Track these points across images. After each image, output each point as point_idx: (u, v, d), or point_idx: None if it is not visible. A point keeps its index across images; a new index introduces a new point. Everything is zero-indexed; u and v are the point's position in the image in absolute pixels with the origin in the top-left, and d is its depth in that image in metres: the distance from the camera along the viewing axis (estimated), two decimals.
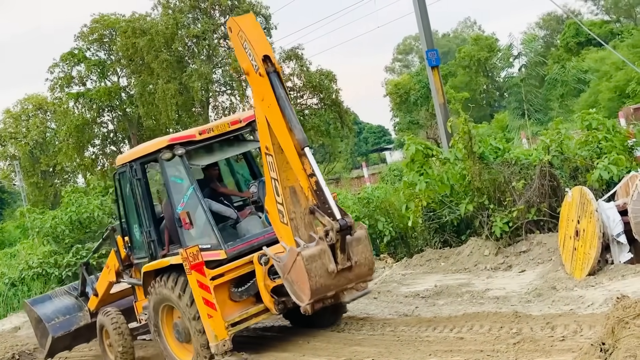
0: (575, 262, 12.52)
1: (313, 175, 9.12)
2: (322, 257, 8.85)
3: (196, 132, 11.30)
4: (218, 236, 10.67)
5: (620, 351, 3.97)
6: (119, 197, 12.48)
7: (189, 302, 10.34)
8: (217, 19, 47.40)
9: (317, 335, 11.76)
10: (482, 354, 8.96)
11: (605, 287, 11.24)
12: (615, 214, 12.45)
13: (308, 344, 11.35)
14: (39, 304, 14.48)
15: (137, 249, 12.29)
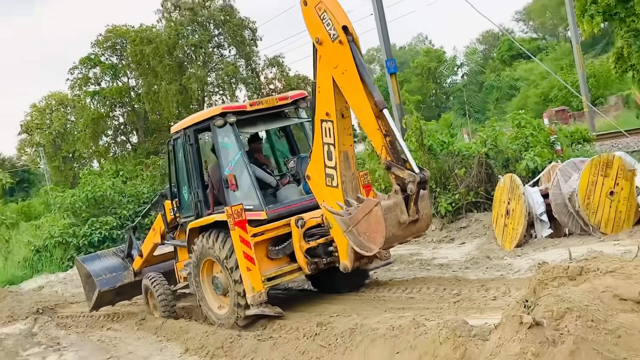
0: (505, 236, 12.65)
1: (388, 135, 8.44)
2: (396, 209, 8.26)
3: (247, 103, 10.77)
4: (260, 198, 10.14)
5: (540, 307, 4.04)
6: (171, 163, 12.02)
7: (229, 255, 9.84)
8: (212, 31, 47.22)
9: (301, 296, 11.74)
10: (428, 310, 9.02)
11: (530, 256, 11.34)
12: (539, 197, 12.59)
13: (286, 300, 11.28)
14: (89, 261, 14.25)
15: (184, 210, 11.72)
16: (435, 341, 6.82)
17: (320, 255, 9.98)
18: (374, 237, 8.35)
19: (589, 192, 11.68)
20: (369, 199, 8.65)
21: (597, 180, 11.66)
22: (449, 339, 6.73)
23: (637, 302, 3.94)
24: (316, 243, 9.97)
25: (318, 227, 10.01)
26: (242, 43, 47.83)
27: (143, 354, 10.82)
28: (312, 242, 9.95)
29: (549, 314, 3.91)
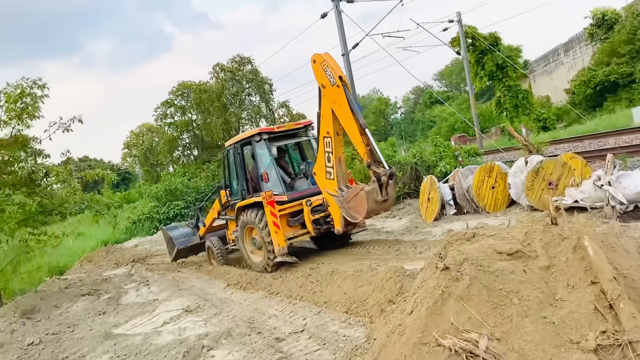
0: (427, 214, 12.67)
1: (369, 145, 8.51)
2: (374, 192, 8.38)
3: (275, 127, 10.86)
4: (282, 187, 10.27)
5: (448, 257, 4.04)
6: (225, 166, 11.96)
7: (263, 224, 10.01)
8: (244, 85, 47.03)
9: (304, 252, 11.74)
10: (379, 260, 9.03)
11: (442, 227, 11.37)
12: (448, 190, 12.62)
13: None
14: (170, 229, 14.27)
15: (234, 195, 11.67)
16: (383, 279, 6.85)
17: (321, 223, 10.11)
18: (359, 211, 8.50)
19: (479, 186, 11.73)
20: (356, 186, 8.75)
21: (484, 179, 11.72)
22: (392, 277, 6.76)
23: (508, 254, 3.95)
24: (319, 216, 10.08)
25: (320, 206, 10.13)
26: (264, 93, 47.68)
27: (200, 287, 10.80)
28: (317, 215, 10.07)
29: (453, 261, 3.92)
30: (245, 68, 47.03)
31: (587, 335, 3.24)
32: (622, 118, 28.49)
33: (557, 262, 3.80)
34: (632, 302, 3.31)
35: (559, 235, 3.99)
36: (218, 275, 11.37)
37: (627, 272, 3.62)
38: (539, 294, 3.60)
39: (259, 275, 9.95)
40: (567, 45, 48.10)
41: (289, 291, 8.46)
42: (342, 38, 20.23)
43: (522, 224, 4.32)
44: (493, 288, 3.66)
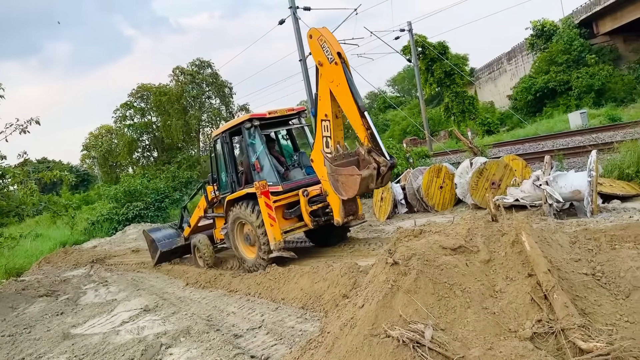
0: (380, 213, 12.83)
1: (369, 129, 7.56)
2: (369, 179, 7.39)
3: (267, 112, 9.81)
4: (277, 177, 9.32)
5: (397, 253, 4.09)
6: (213, 158, 10.93)
7: (257, 217, 9.11)
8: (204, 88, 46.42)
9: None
10: (335, 257, 9.11)
11: (394, 224, 11.55)
12: (400, 189, 12.83)
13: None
14: (153, 231, 13.22)
15: (222, 189, 10.66)
16: (338, 275, 6.89)
17: (319, 215, 9.31)
18: (347, 190, 7.63)
19: (428, 186, 11.97)
20: (354, 168, 7.58)
21: (433, 179, 11.96)
22: (346, 273, 6.82)
23: (452, 249, 4.04)
24: (317, 207, 9.27)
25: (318, 196, 9.27)
26: (224, 96, 47.20)
27: (159, 286, 10.59)
28: (314, 206, 9.26)
29: (402, 257, 3.97)
30: (205, 71, 46.45)
31: (524, 324, 3.36)
32: (559, 122, 29.68)
33: (497, 256, 3.91)
34: (564, 293, 3.45)
35: (498, 231, 4.12)
36: (177, 275, 11.19)
37: (561, 265, 3.77)
38: (480, 286, 3.70)
39: (218, 274, 9.84)
40: (509, 54, 49.73)
41: (247, 289, 8.39)
42: (299, 44, 20.25)
43: (465, 221, 4.42)
44: (438, 281, 3.73)
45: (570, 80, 37.12)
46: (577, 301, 3.48)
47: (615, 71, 36.96)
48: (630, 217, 7.70)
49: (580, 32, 39.44)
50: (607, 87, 35.58)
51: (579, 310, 3.37)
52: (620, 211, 8.27)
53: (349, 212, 8.86)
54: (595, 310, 3.43)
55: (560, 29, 40.71)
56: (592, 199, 8.23)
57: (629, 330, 3.27)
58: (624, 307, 3.44)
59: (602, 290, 3.60)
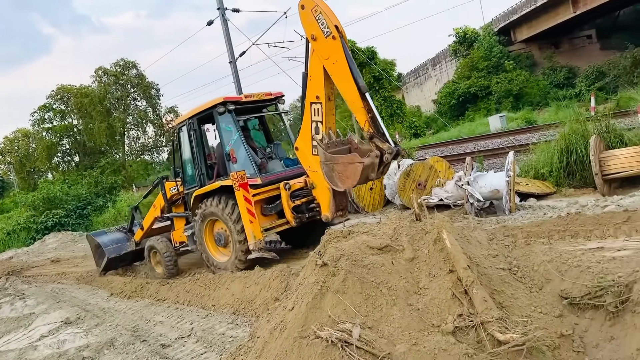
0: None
1: (370, 112, 6.86)
2: (370, 168, 6.71)
3: (243, 95, 8.91)
4: (255, 168, 8.42)
5: (327, 254, 4.14)
6: (176, 149, 9.78)
7: (232, 213, 8.11)
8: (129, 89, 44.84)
9: None
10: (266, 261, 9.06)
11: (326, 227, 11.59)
12: None
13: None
14: (98, 235, 11.75)
15: (188, 183, 9.53)
16: (270, 278, 6.87)
17: (303, 211, 8.39)
18: (344, 180, 6.87)
19: (358, 188, 12.19)
20: (355, 155, 6.86)
21: None
22: (278, 277, 6.81)
23: (379, 248, 4.15)
24: (300, 202, 8.35)
25: (301, 190, 8.41)
26: (150, 97, 45.80)
27: (82, 297, 10.08)
28: (297, 200, 8.34)
29: (331, 258, 4.03)
30: (130, 72, 44.86)
31: (446, 319, 3.50)
32: (480, 125, 31.19)
33: (420, 254, 4.06)
34: (483, 287, 3.63)
35: (422, 230, 4.27)
36: (101, 285, 10.71)
37: (480, 261, 3.97)
38: (405, 283, 3.83)
39: (145, 283, 9.51)
40: (434, 60, 51.69)
41: (176, 297, 8.18)
42: (228, 46, 20.02)
43: (391, 221, 4.55)
44: (366, 280, 3.82)
45: (490, 85, 39.18)
46: (495, 295, 3.68)
47: (531, 77, 39.41)
48: (544, 214, 8.20)
49: (499, 39, 41.76)
50: (524, 91, 37.86)
51: (496, 303, 3.55)
52: (536, 209, 8.80)
53: (339, 207, 8.10)
54: (511, 303, 3.64)
55: (480, 36, 42.87)
56: (510, 197, 8.70)
57: (542, 320, 3.49)
58: (537, 299, 3.67)
59: (518, 283, 3.83)
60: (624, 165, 8.41)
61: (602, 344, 3.29)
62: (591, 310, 3.36)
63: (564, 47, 42.63)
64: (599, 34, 42.21)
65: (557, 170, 9.75)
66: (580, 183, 9.47)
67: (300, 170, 8.49)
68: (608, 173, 8.53)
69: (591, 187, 9.03)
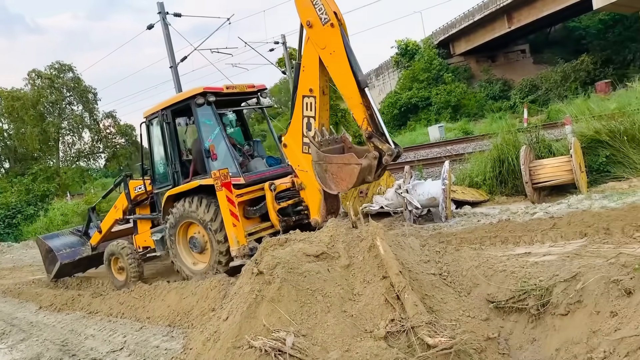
0: None
1: (370, 109, 6.39)
2: (368, 170, 6.29)
3: (224, 86, 8.06)
4: (237, 166, 7.68)
5: (263, 263, 4.12)
6: (145, 142, 8.86)
7: (212, 215, 7.33)
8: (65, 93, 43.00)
9: None
10: None
11: None
12: None
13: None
14: (50, 238, 10.58)
15: (158, 182, 8.65)
16: (207, 288, 6.74)
17: (289, 214, 7.78)
18: (339, 182, 6.45)
19: None
20: (352, 156, 6.41)
21: None
22: (216, 287, 6.70)
23: (315, 256, 4.17)
24: (286, 204, 7.71)
25: (287, 191, 7.77)
26: (87, 102, 44.09)
27: (7, 311, 9.50)
28: (283, 203, 7.68)
29: (267, 266, 4.02)
30: (65, 75, 43.05)
31: (379, 324, 3.56)
32: (421, 135, 32.10)
33: (355, 261, 4.11)
34: (415, 292, 3.72)
35: (357, 237, 4.34)
36: (29, 298, 10.14)
37: (412, 266, 4.07)
38: (340, 290, 3.86)
39: (76, 295, 9.09)
40: (377, 71, 52.80)
41: (109, 309, 7.87)
42: (169, 50, 19.63)
43: (328, 228, 4.59)
44: (301, 288, 3.83)
45: (430, 97, 40.46)
46: (426, 299, 3.78)
47: (469, 89, 41.00)
48: (478, 221, 8.52)
49: (439, 52, 43.24)
50: (462, 103, 39.31)
51: (427, 308, 3.65)
52: (471, 216, 9.13)
53: (330, 210, 7.53)
54: (441, 307, 3.75)
55: (421, 48, 44.22)
56: (446, 205, 8.98)
57: (469, 324, 3.62)
58: (465, 303, 3.80)
59: (448, 288, 3.95)
60: (552, 174, 8.88)
61: (525, 345, 3.44)
62: (515, 314, 3.51)
63: (500, 60, 44.71)
64: (532, 49, 44.59)
65: (490, 178, 10.16)
66: (512, 191, 9.92)
67: (286, 169, 8.11)
68: (537, 181, 8.97)
69: (522, 195, 9.47)
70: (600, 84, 28.97)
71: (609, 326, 2.83)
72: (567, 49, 41.04)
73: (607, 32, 38.52)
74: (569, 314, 3.12)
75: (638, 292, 2.82)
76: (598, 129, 9.50)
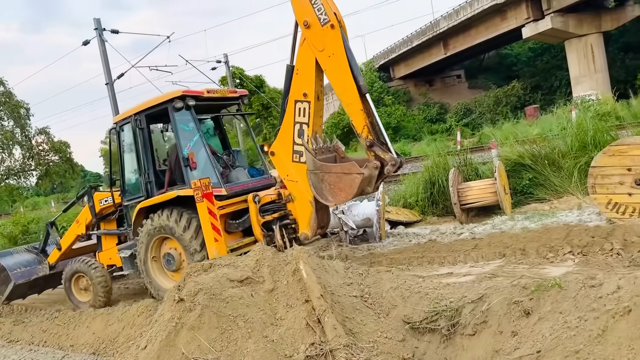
0: None
1: (370, 116, 6.07)
2: (368, 180, 5.93)
3: (205, 90, 7.45)
4: (218, 176, 7.06)
5: (185, 289, 4.07)
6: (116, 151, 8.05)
7: (191, 228, 6.68)
8: None
9: None
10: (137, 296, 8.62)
11: None
12: None
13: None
14: (2, 257, 9.28)
15: (129, 193, 7.84)
16: (134, 315, 6.56)
17: (274, 228, 7.11)
18: (337, 193, 6.03)
19: None
20: (354, 165, 6.03)
21: None
22: (143, 313, 6.53)
23: (239, 281, 4.17)
24: (271, 217, 7.10)
25: (272, 203, 7.19)
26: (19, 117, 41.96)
27: None
28: (267, 216, 7.08)
29: (189, 292, 3.98)
30: None
31: (299, 349, 3.59)
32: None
33: (280, 285, 4.14)
34: (335, 315, 3.78)
35: (283, 261, 4.37)
36: None
37: (334, 289, 4.14)
38: (262, 315, 3.87)
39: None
40: None
41: (31, 337, 7.50)
42: (105, 67, 19.14)
43: (255, 252, 4.60)
44: (222, 314, 3.81)
45: None
46: (346, 322, 3.85)
47: (408, 111, 42.27)
48: (409, 241, 8.75)
49: (380, 75, 44.47)
50: (402, 125, 40.43)
51: (347, 330, 3.72)
52: (403, 236, 9.36)
53: (321, 224, 7.01)
54: (361, 329, 3.83)
55: (363, 71, 45.30)
56: (380, 225, 9.18)
57: (387, 345, 3.71)
58: (384, 324, 3.90)
59: (368, 310, 4.04)
60: (478, 196, 9.28)
61: None
62: (429, 334, 3.64)
63: (437, 85, 46.49)
64: (467, 74, 46.68)
65: (422, 199, 10.48)
66: (443, 212, 10.27)
67: (269, 181, 7.76)
68: (465, 203, 9.35)
69: (451, 216, 9.81)
70: (529, 109, 30.57)
71: (510, 345, 2.99)
72: (499, 75, 43.26)
73: (536, 60, 40.92)
74: (476, 334, 3.27)
75: (535, 313, 3.01)
76: (521, 153, 10.04)
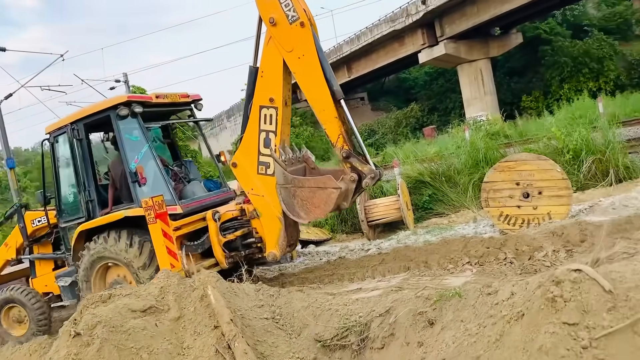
0: None
1: (346, 124, 5.51)
2: (345, 194, 5.41)
3: (153, 95, 6.56)
4: (172, 192, 6.19)
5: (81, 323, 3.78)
6: (47, 165, 6.96)
7: (143, 253, 5.86)
8: None
9: None
10: None
11: None
12: None
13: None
14: None
15: (67, 213, 6.80)
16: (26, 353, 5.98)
17: (237, 248, 6.38)
18: (311, 210, 5.47)
19: None
20: (330, 179, 5.42)
21: None
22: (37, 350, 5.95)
23: (141, 311, 3.94)
24: (233, 236, 6.35)
25: (234, 220, 6.45)
26: None
27: None
28: (229, 235, 6.32)
29: (86, 326, 3.70)
30: None
31: None
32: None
33: (187, 312, 3.97)
34: (245, 340, 3.68)
35: (190, 287, 4.20)
36: None
37: (245, 312, 4.04)
38: (168, 345, 3.68)
39: None
40: (229, 112, 53.15)
41: None
42: None
43: (159, 280, 4.38)
44: (124, 347, 3.57)
45: None
46: (258, 345, 3.76)
47: (315, 132, 43.01)
48: (320, 259, 8.81)
49: None
50: (310, 145, 40.87)
51: (258, 354, 3.63)
52: (314, 254, 9.40)
53: (290, 242, 6.39)
54: (272, 351, 3.75)
55: None
56: None
57: None
58: (296, 345, 3.86)
59: (280, 331, 3.98)
60: (384, 213, 9.58)
61: None
62: (340, 351, 3.65)
63: None
64: (370, 97, 48.54)
65: (331, 218, 10.64)
66: (351, 229, 10.50)
67: (229, 194, 7.13)
68: (372, 219, 9.61)
69: (360, 232, 10.05)
70: (427, 129, 32.31)
71: (417, 356, 3.07)
72: (399, 98, 45.42)
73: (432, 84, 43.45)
74: (385, 347, 3.33)
75: (439, 322, 3.13)
76: (421, 171, 10.55)
